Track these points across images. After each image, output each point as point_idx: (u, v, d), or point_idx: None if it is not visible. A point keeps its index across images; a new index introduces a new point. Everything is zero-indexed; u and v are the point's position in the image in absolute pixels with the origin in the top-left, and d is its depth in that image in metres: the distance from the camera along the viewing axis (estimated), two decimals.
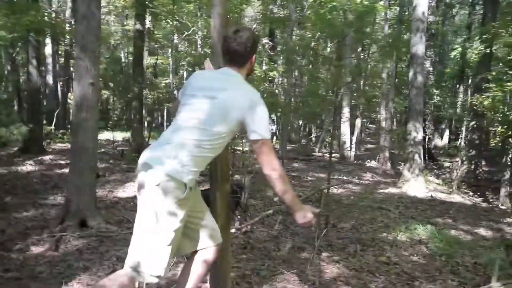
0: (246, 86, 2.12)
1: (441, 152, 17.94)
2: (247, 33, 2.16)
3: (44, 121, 12.87)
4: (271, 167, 2.03)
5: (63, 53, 17.68)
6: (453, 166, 11.74)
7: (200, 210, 2.26)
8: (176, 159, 1.94)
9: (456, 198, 9.03)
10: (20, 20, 9.38)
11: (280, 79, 19.05)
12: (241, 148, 7.16)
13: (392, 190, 9.35)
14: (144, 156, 2.02)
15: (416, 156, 9.66)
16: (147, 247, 1.98)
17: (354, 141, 15.73)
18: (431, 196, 8.85)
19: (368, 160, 13.84)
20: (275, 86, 18.24)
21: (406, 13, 16.72)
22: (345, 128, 14.49)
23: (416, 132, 9.69)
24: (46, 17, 10.74)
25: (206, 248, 2.27)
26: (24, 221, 4.90)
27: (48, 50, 15.71)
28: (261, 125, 2.02)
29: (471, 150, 11.91)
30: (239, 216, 5.21)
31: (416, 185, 9.43)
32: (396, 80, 16.36)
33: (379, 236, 5.24)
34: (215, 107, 2.03)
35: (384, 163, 13.04)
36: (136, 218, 2.04)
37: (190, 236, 2.22)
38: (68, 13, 15.77)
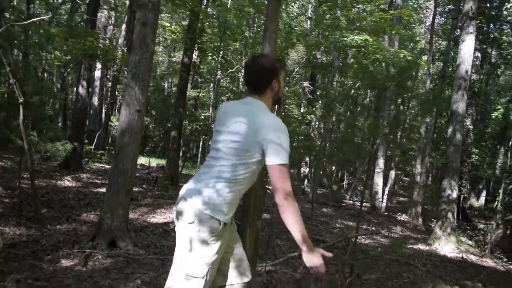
0: (263, 114, 2.05)
1: (476, 213, 17.33)
2: (265, 59, 2.11)
3: (85, 140, 13.36)
4: (284, 194, 1.91)
5: (111, 78, 18.50)
6: (488, 229, 11.30)
7: (234, 244, 2.22)
8: (209, 196, 1.98)
9: (489, 262, 8.68)
10: (76, 44, 10.02)
11: (317, 123, 19.21)
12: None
13: (421, 246, 9.10)
14: (183, 190, 2.09)
15: (449, 214, 9.42)
16: (182, 279, 1.99)
17: (386, 192, 15.48)
18: (462, 257, 8.55)
19: (399, 213, 13.53)
20: (311, 129, 18.40)
21: (450, 69, 16.67)
22: (378, 178, 14.32)
23: (451, 190, 9.49)
24: (101, 44, 11.37)
25: (233, 285, 2.19)
26: (57, 234, 5.09)
27: (97, 73, 16.48)
28: (278, 150, 1.93)
29: (508, 214, 11.50)
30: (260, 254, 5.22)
31: (447, 244, 9.16)
32: (435, 135, 16.15)
33: None
34: (237, 140, 2.02)
35: (416, 218, 12.73)
36: (175, 250, 2.07)
37: (221, 268, 2.17)
38: (120, 41, 16.61)
